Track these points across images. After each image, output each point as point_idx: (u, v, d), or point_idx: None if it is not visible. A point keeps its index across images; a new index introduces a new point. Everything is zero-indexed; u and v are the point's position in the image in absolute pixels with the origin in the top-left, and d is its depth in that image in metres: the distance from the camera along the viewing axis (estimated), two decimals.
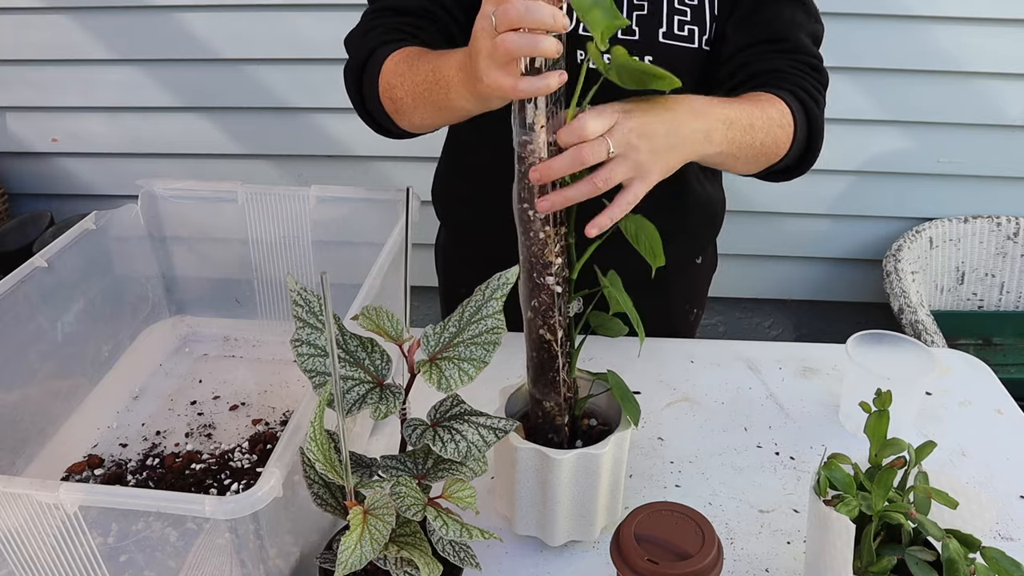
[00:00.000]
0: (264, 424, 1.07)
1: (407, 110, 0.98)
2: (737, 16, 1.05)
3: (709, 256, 1.34)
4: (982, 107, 2.22)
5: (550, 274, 0.78)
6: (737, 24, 1.05)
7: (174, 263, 1.20)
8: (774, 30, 1.04)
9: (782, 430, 1.08)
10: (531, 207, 0.76)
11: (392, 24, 1.05)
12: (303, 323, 0.75)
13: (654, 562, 0.69)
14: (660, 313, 1.24)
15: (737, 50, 1.05)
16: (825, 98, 1.06)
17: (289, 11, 2.18)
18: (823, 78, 1.06)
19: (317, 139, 2.34)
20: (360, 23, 1.09)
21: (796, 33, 1.05)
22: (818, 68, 1.06)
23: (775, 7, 1.05)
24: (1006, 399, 1.14)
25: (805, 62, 1.05)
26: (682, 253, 1.25)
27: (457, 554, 0.72)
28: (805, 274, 2.52)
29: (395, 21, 1.05)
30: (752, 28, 1.05)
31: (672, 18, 1.04)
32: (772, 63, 1.03)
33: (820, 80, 1.06)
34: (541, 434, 0.87)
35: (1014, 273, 2.37)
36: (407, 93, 0.95)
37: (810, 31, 1.07)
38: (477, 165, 1.22)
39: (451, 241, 1.35)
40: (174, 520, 0.72)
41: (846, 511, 0.70)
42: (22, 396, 0.95)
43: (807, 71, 1.04)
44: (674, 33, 1.05)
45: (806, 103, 1.00)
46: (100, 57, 2.30)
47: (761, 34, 1.04)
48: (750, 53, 1.04)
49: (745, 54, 1.05)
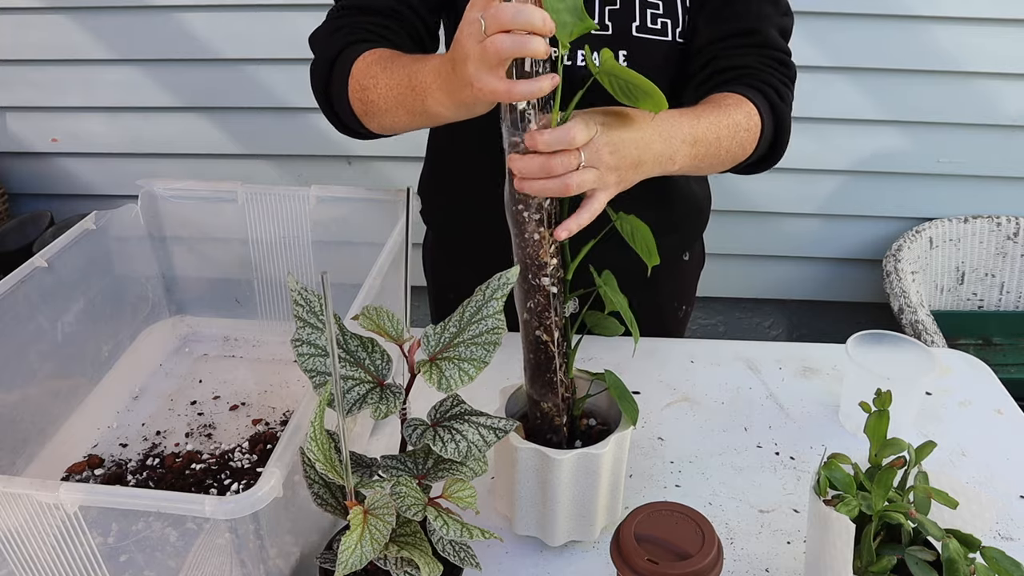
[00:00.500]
0: (264, 424, 1.07)
1: (378, 113, 0.97)
2: (708, 9, 1.06)
3: (696, 253, 1.34)
4: (982, 107, 2.22)
5: (545, 275, 0.78)
6: (708, 17, 1.06)
7: (174, 263, 1.20)
8: (744, 24, 1.05)
9: (782, 430, 1.08)
10: (525, 208, 0.76)
11: (359, 23, 1.04)
12: (303, 323, 0.75)
13: (654, 562, 0.69)
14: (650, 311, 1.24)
15: (707, 43, 1.06)
16: (793, 92, 1.07)
17: (289, 11, 2.18)
18: (791, 72, 1.08)
19: (317, 139, 2.34)
20: (326, 22, 1.08)
21: (765, 26, 1.06)
22: (786, 63, 1.08)
23: (745, 1, 1.06)
24: (1006, 399, 1.14)
25: (774, 57, 1.06)
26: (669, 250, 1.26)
27: (457, 554, 0.72)
28: (805, 274, 2.52)
29: (362, 20, 1.05)
30: (722, 22, 1.05)
31: (644, 12, 1.05)
32: (741, 59, 1.05)
33: (788, 75, 1.07)
34: (540, 435, 0.87)
35: (1014, 273, 2.37)
36: (379, 96, 0.95)
37: (778, 24, 1.08)
38: (457, 171, 1.23)
39: (436, 244, 1.35)
40: (174, 520, 0.72)
41: (846, 511, 0.70)
42: (22, 396, 0.95)
43: (775, 66, 1.06)
44: (647, 27, 1.05)
45: (773, 101, 1.02)
46: (100, 57, 2.30)
47: (731, 28, 1.05)
48: (720, 47, 1.06)
49: (715, 47, 1.06)
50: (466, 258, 1.27)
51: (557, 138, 0.75)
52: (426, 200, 1.31)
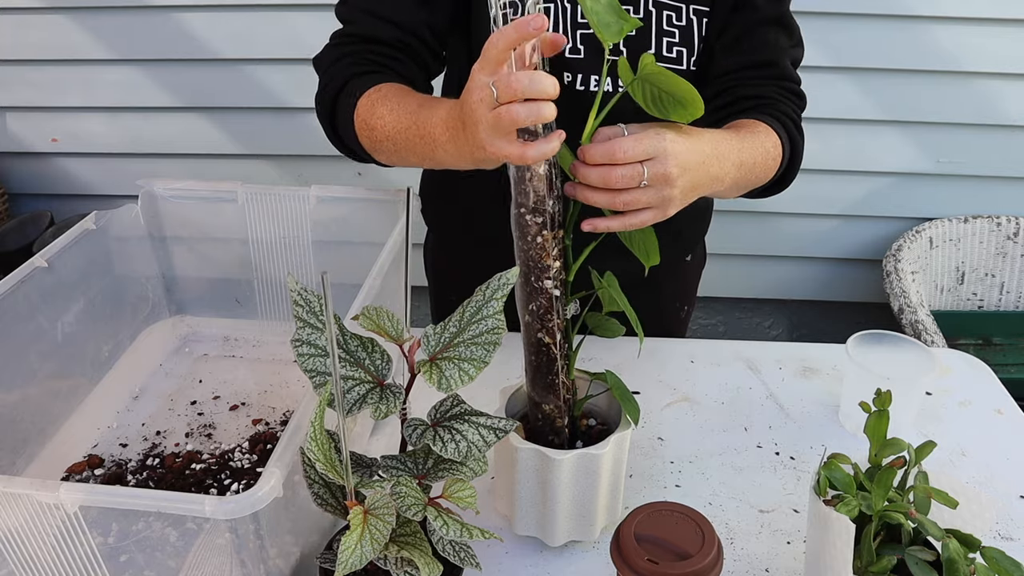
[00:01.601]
0: (264, 424, 1.07)
1: (387, 152, 0.97)
2: (725, 39, 1.06)
3: (698, 253, 1.34)
4: (982, 107, 2.22)
5: (548, 278, 0.78)
6: (725, 47, 1.06)
7: (174, 263, 1.20)
8: (761, 56, 1.05)
9: (782, 430, 1.08)
10: (528, 212, 0.76)
11: (364, 53, 1.02)
12: (303, 323, 0.75)
13: (654, 562, 0.69)
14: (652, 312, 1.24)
15: (724, 72, 1.06)
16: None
17: (288, 11, 2.18)
18: (803, 103, 1.09)
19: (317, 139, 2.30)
20: (330, 46, 1.06)
21: (781, 59, 1.07)
22: (800, 94, 1.09)
23: (762, 32, 1.06)
24: (1006, 399, 1.14)
25: (789, 88, 1.07)
26: (672, 251, 1.26)
27: (457, 554, 0.72)
28: (805, 274, 2.52)
29: (367, 49, 1.02)
30: (740, 53, 1.05)
31: (661, 40, 1.04)
32: (758, 89, 1.05)
33: (800, 106, 1.08)
34: (542, 436, 0.87)
35: (1014, 273, 2.37)
36: (387, 138, 0.94)
37: (792, 56, 1.09)
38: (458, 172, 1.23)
39: (438, 245, 1.35)
40: (174, 520, 0.72)
41: (846, 511, 0.70)
42: (22, 396, 0.95)
43: (791, 97, 1.06)
44: (663, 55, 1.05)
45: (791, 132, 1.02)
46: (100, 57, 2.30)
47: (749, 60, 1.05)
48: (736, 77, 1.06)
49: (732, 77, 1.06)
50: (467, 260, 1.27)
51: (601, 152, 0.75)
52: (427, 201, 1.31)
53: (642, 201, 0.78)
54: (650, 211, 0.80)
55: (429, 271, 1.39)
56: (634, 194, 0.77)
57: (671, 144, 0.78)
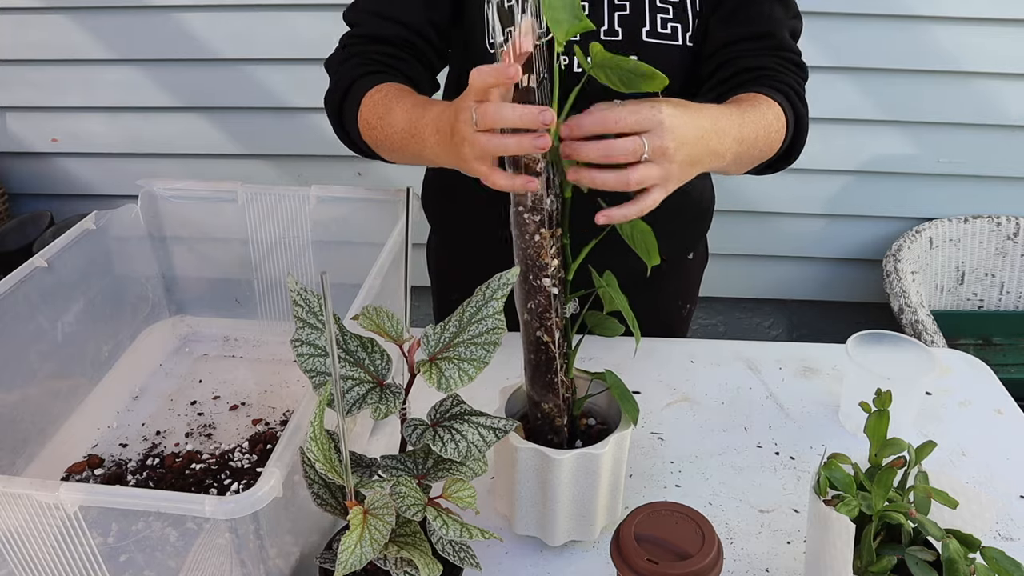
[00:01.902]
0: (264, 424, 1.07)
1: (387, 150, 1.00)
2: (721, 13, 1.06)
3: (700, 251, 1.34)
4: (982, 107, 2.22)
5: (546, 276, 0.78)
6: (721, 21, 1.06)
7: (174, 263, 1.20)
8: (757, 27, 1.05)
9: (782, 430, 1.08)
10: (527, 211, 0.76)
11: (370, 53, 1.05)
12: (303, 323, 0.75)
13: (654, 562, 0.69)
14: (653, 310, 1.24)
15: (721, 46, 1.06)
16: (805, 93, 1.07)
17: (288, 11, 2.18)
18: (804, 74, 1.08)
19: (317, 139, 2.34)
20: (339, 48, 1.09)
21: (778, 29, 1.06)
22: (801, 64, 1.08)
23: (758, 4, 1.06)
24: (1006, 399, 1.14)
25: (789, 59, 1.06)
26: (673, 249, 1.26)
27: (457, 554, 0.72)
28: (805, 274, 2.52)
29: (372, 50, 1.05)
30: (736, 25, 1.05)
31: (655, 16, 1.05)
32: (758, 60, 1.04)
33: (802, 76, 1.07)
34: (541, 436, 0.87)
35: (1014, 273, 2.37)
36: (385, 137, 0.97)
37: (790, 27, 1.08)
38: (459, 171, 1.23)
39: (440, 245, 1.36)
40: (174, 520, 0.72)
41: (846, 511, 0.70)
42: (22, 396, 0.95)
43: (792, 68, 1.06)
44: (657, 31, 1.05)
45: (794, 103, 1.01)
46: (100, 57, 2.30)
47: (745, 31, 1.05)
48: (734, 50, 1.05)
49: (729, 50, 1.05)
50: (469, 259, 1.27)
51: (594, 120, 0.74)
52: (430, 201, 1.31)
53: (652, 177, 0.77)
54: (655, 191, 0.79)
55: (432, 272, 1.39)
56: (641, 170, 0.76)
57: (668, 117, 0.77)
